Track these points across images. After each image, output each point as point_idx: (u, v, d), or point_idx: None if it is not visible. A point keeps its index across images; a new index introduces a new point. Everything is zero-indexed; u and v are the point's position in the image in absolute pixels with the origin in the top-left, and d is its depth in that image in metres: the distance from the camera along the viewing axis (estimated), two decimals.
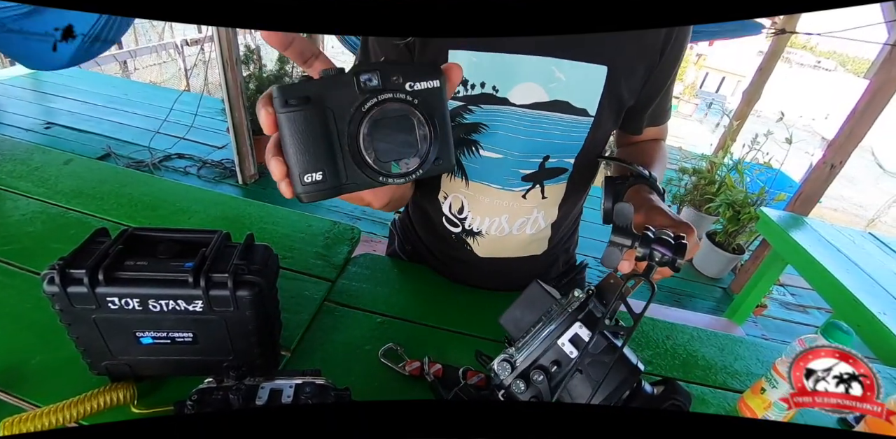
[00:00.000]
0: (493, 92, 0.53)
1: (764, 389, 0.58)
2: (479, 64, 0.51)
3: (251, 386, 0.40)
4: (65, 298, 0.43)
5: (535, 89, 0.52)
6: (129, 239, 0.46)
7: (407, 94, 0.30)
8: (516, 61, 0.50)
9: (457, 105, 0.54)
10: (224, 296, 0.43)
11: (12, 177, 0.91)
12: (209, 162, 2.79)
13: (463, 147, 0.58)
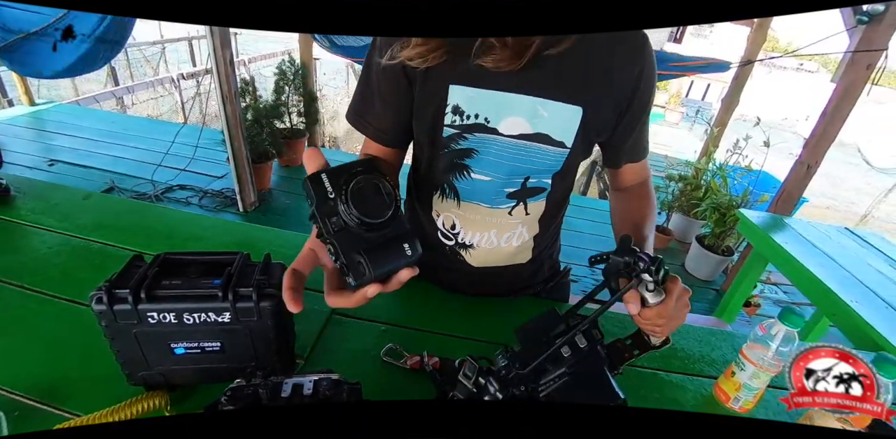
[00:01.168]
0: (485, 122, 0.61)
1: (734, 372, 0.65)
2: (475, 98, 0.60)
3: (276, 382, 0.46)
4: (111, 315, 0.50)
5: (521, 123, 0.61)
6: (163, 262, 0.53)
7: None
8: (507, 98, 0.59)
9: (453, 132, 0.63)
10: (248, 308, 0.51)
11: (35, 213, 0.99)
12: (210, 191, 2.88)
13: (455, 171, 0.66)
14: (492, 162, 0.64)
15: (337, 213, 0.40)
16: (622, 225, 0.70)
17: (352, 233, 0.40)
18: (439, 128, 0.63)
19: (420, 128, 0.65)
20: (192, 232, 0.98)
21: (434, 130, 0.63)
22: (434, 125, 0.63)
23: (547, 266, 0.82)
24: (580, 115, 0.61)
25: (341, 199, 0.40)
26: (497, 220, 0.69)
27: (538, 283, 0.83)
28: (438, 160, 0.66)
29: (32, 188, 1.09)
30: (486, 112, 0.60)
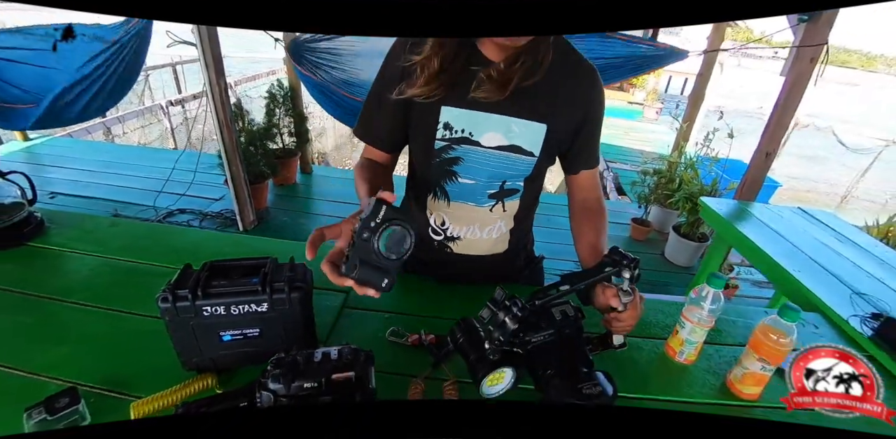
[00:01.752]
0: (469, 136, 0.77)
1: (678, 331, 0.80)
2: (461, 116, 0.75)
3: (309, 352, 0.61)
4: (174, 311, 0.64)
5: (498, 136, 0.77)
6: (211, 268, 0.67)
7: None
8: (486, 117, 0.75)
9: (443, 144, 0.78)
10: (282, 298, 0.65)
11: (72, 241, 1.10)
12: (210, 213, 3.01)
13: (446, 176, 0.82)
14: (475, 168, 0.79)
15: (370, 233, 0.56)
16: (583, 247, 0.84)
17: (368, 247, 0.57)
18: (432, 141, 0.78)
19: (416, 141, 0.81)
20: (214, 248, 1.12)
21: (428, 142, 0.79)
22: (428, 138, 0.78)
23: (522, 256, 0.97)
24: (545, 131, 0.77)
25: (378, 231, 0.57)
26: (480, 216, 0.85)
27: (516, 271, 0.98)
28: (431, 167, 0.81)
29: (63, 219, 1.20)
30: (470, 128, 0.76)
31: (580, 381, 0.56)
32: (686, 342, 0.78)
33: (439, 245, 0.90)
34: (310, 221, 3.10)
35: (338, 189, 3.53)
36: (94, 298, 0.91)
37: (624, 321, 0.68)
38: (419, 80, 0.72)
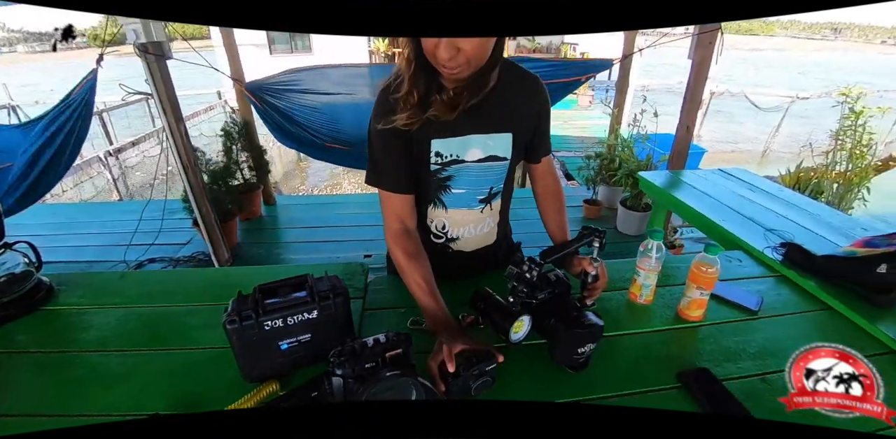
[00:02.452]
0: (457, 158, 0.94)
1: (636, 280, 1.01)
2: (448, 144, 0.92)
3: (362, 341, 0.76)
4: (241, 330, 0.78)
5: (478, 151, 0.95)
6: (261, 291, 0.82)
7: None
8: (467, 139, 0.92)
9: (437, 167, 0.95)
10: (328, 304, 0.80)
11: (87, 298, 1.15)
12: (181, 259, 3.02)
13: (441, 190, 0.98)
14: (465, 180, 0.97)
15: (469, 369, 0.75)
16: (554, 230, 1.07)
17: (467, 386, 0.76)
18: (427, 167, 0.95)
19: (415, 162, 0.96)
20: (222, 282, 1.21)
21: (424, 169, 0.95)
22: (424, 166, 0.94)
23: (505, 244, 1.17)
24: (511, 138, 0.96)
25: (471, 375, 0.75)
26: (474, 217, 1.03)
27: (501, 258, 1.17)
28: (429, 185, 0.98)
29: (70, 280, 1.23)
30: (456, 151, 0.94)
31: (578, 319, 0.76)
32: (643, 286, 1.00)
33: (441, 246, 1.07)
34: (284, 250, 3.18)
35: (304, 215, 3.61)
36: (131, 343, 0.97)
37: (598, 289, 0.89)
38: (403, 112, 0.86)
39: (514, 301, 0.79)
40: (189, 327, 1.03)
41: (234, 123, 2.99)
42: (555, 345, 0.81)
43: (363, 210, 3.63)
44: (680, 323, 0.97)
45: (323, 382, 0.75)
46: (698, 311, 0.96)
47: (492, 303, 0.82)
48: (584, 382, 0.81)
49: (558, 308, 0.82)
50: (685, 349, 0.90)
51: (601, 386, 0.80)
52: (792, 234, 1.33)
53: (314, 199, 4.05)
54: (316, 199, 4.03)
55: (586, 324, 0.77)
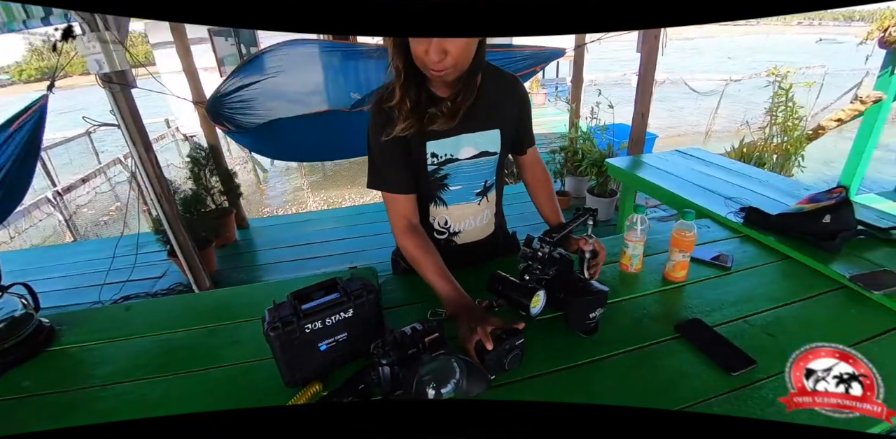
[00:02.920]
0: (451, 156, 1.03)
1: (625, 251, 1.14)
2: (442, 145, 1.01)
3: (400, 330, 0.84)
4: (283, 336, 0.83)
5: (471, 149, 1.04)
6: (296, 297, 0.88)
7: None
8: (458, 139, 1.01)
9: (433, 167, 1.03)
10: (361, 302, 0.88)
11: (93, 334, 1.13)
12: (159, 292, 2.96)
13: (440, 188, 1.07)
14: (461, 177, 1.07)
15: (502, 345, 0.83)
16: (547, 214, 1.20)
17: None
18: (425, 167, 1.03)
19: (414, 166, 1.04)
20: (236, 301, 1.24)
21: (422, 170, 1.04)
22: (422, 167, 1.03)
23: (502, 233, 1.27)
24: (499, 133, 1.05)
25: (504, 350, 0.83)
26: (473, 210, 1.12)
27: (500, 247, 1.27)
28: (428, 185, 1.06)
29: (70, 319, 1.20)
30: (450, 150, 1.03)
31: (586, 288, 0.87)
32: (632, 257, 1.14)
33: (445, 241, 1.16)
34: (266, 272, 3.17)
35: (281, 235, 3.61)
36: (157, 370, 0.97)
37: (599, 263, 1.01)
38: (400, 120, 0.95)
39: (530, 278, 0.89)
40: (213, 347, 1.06)
41: (199, 149, 2.96)
42: (569, 313, 0.92)
43: (341, 224, 3.67)
44: (668, 284, 1.11)
45: (368, 374, 0.82)
46: (682, 272, 1.10)
47: (509, 284, 0.93)
48: (597, 344, 0.92)
49: (566, 281, 0.93)
50: (677, 305, 1.04)
51: (612, 345, 0.92)
52: (748, 199, 1.52)
53: (288, 218, 4.03)
54: (290, 218, 4.02)
55: (594, 291, 0.88)
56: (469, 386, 0.80)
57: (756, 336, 0.92)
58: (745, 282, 1.12)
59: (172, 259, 2.90)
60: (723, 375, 0.82)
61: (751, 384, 0.80)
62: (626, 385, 0.82)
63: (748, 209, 1.38)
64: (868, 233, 1.28)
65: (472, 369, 0.80)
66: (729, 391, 0.79)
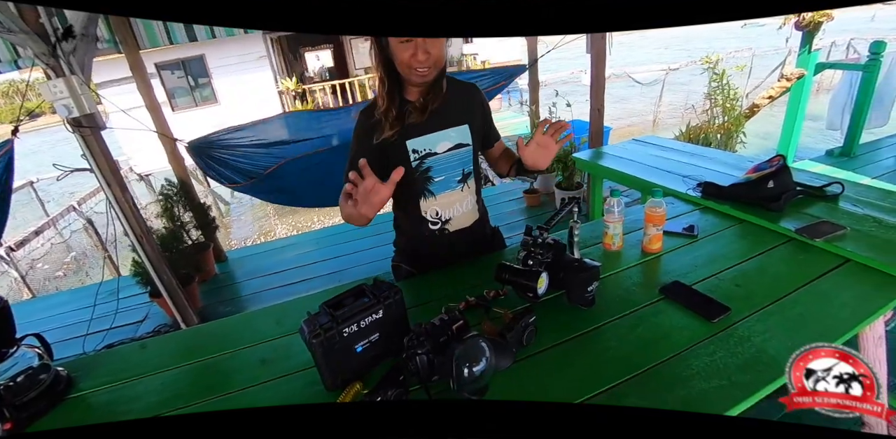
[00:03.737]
0: (430, 151, 1.19)
1: (606, 232, 1.31)
2: (421, 141, 1.17)
3: (428, 322, 0.96)
4: (325, 342, 0.93)
5: (446, 143, 1.20)
6: (329, 305, 0.99)
7: None
8: (434, 135, 1.18)
9: (417, 163, 1.18)
10: (389, 303, 0.99)
11: (117, 374, 1.15)
12: (143, 336, 2.93)
13: (425, 181, 1.21)
14: (441, 168, 1.22)
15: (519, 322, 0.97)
16: (503, 160, 1.33)
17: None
18: (409, 164, 1.18)
19: (397, 166, 1.17)
20: (249, 328, 1.27)
21: (406, 164, 1.17)
22: (405, 162, 1.17)
23: (487, 226, 1.42)
24: (468, 127, 1.22)
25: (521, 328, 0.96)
26: (458, 197, 1.27)
27: (488, 239, 1.41)
28: (414, 180, 1.21)
29: (80, 366, 1.22)
30: (429, 145, 1.19)
31: (582, 265, 1.03)
32: (613, 236, 1.31)
33: (439, 231, 1.29)
34: (253, 302, 3.19)
35: (262, 264, 3.62)
36: (197, 396, 1.02)
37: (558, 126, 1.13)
38: (386, 125, 1.13)
39: (534, 263, 1.04)
40: (244, 367, 1.12)
41: (170, 185, 2.98)
42: (569, 289, 1.07)
43: (322, 245, 3.73)
44: (647, 256, 1.29)
45: (406, 365, 0.94)
46: (657, 244, 1.28)
47: (514, 271, 1.07)
48: (597, 314, 1.08)
49: (563, 262, 1.08)
50: (657, 272, 1.21)
51: (609, 312, 1.08)
52: (702, 176, 1.74)
53: (266, 246, 4.04)
54: (268, 246, 4.03)
55: (589, 267, 1.04)
56: (498, 361, 0.93)
57: (726, 288, 1.10)
58: (711, 245, 1.31)
59: (155, 300, 2.89)
60: (705, 323, 1.00)
61: (728, 326, 0.98)
62: (627, 343, 0.98)
63: (704, 184, 1.59)
64: (806, 192, 1.51)
65: (498, 346, 0.93)
66: (712, 335, 0.96)
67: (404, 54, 1.04)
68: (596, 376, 0.89)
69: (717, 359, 0.89)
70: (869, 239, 1.24)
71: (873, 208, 1.40)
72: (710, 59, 3.78)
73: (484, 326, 1.09)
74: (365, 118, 1.17)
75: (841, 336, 0.94)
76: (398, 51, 1.05)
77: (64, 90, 1.94)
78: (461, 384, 0.87)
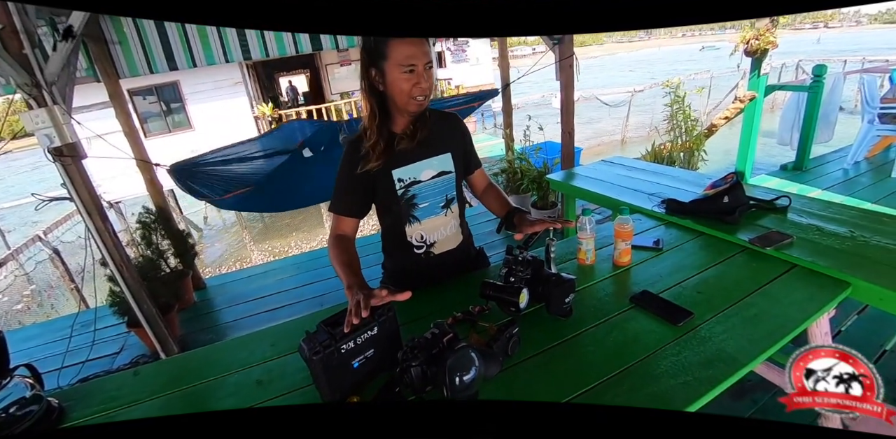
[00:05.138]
0: (414, 179, 1.27)
1: (580, 248, 1.43)
2: (406, 171, 1.24)
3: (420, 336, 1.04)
4: (325, 358, 1.00)
5: (430, 171, 1.28)
6: (327, 324, 1.05)
7: None
8: (419, 164, 1.26)
9: (403, 191, 1.26)
10: (384, 320, 1.07)
11: (111, 402, 1.16)
12: (121, 368, 2.87)
13: (410, 207, 1.29)
14: (426, 194, 1.30)
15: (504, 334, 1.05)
16: (493, 202, 1.42)
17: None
18: (394, 191, 1.26)
19: (384, 197, 1.27)
20: (231, 352, 1.30)
21: (392, 193, 1.26)
22: (392, 192, 1.26)
23: (471, 247, 1.51)
24: (451, 156, 1.31)
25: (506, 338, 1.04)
26: (442, 221, 1.35)
27: (472, 260, 1.50)
28: (399, 206, 1.28)
29: (71, 395, 1.21)
30: (414, 174, 1.27)
31: (559, 279, 1.13)
32: (587, 251, 1.42)
33: (424, 254, 1.37)
34: (234, 329, 3.16)
35: (242, 290, 3.60)
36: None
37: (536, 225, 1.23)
38: (374, 158, 1.19)
39: (515, 280, 1.14)
40: (241, 388, 1.15)
41: (148, 212, 2.98)
42: (549, 302, 1.17)
43: (303, 270, 3.74)
44: (618, 269, 1.41)
45: (401, 378, 1.01)
46: (627, 258, 1.40)
47: (497, 287, 1.16)
48: (575, 323, 1.18)
49: (542, 277, 1.18)
50: (627, 283, 1.33)
51: (586, 321, 1.18)
52: (666, 193, 1.90)
53: (245, 272, 4.01)
54: (247, 272, 4.00)
55: (565, 281, 1.14)
56: (487, 369, 1.01)
57: (689, 295, 1.22)
58: (675, 257, 1.44)
59: (133, 330, 2.85)
60: (671, 327, 1.11)
61: (692, 329, 1.10)
62: (603, 347, 1.08)
63: (667, 201, 1.75)
64: (758, 205, 1.68)
65: (486, 355, 1.02)
66: (677, 337, 1.07)
67: (406, 84, 1.10)
68: (577, 378, 0.98)
69: (682, 359, 1.00)
70: (812, 246, 1.39)
71: (816, 218, 1.58)
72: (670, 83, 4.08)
73: (471, 339, 1.16)
74: (353, 149, 1.23)
75: (791, 332, 1.07)
76: (400, 81, 1.11)
77: (46, 120, 1.98)
78: (454, 392, 0.95)
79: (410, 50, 1.09)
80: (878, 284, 1.17)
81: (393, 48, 1.09)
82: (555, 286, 1.14)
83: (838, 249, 1.36)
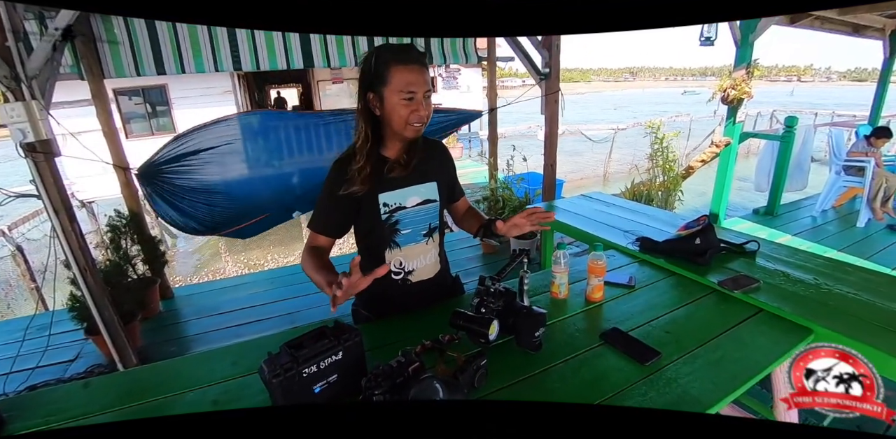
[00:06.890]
0: (400, 205, 1.25)
1: (553, 281, 1.43)
2: (392, 196, 1.23)
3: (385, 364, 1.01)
4: (285, 382, 0.96)
5: (415, 198, 1.27)
6: (291, 346, 1.02)
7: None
8: (405, 190, 1.25)
9: (387, 216, 1.24)
10: (350, 345, 1.04)
11: (59, 414, 1.09)
12: (74, 377, 2.71)
13: (392, 232, 1.28)
14: (409, 221, 1.29)
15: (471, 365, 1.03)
16: (471, 220, 1.41)
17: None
18: (378, 216, 1.24)
19: (367, 220, 1.25)
20: (189, 369, 1.25)
21: (377, 219, 1.25)
22: (376, 216, 1.24)
23: (448, 276, 1.50)
24: (436, 185, 1.31)
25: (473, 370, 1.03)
26: (423, 249, 1.34)
27: (448, 287, 1.49)
28: (382, 231, 1.27)
29: (15, 404, 1.15)
30: (399, 200, 1.26)
31: (530, 312, 1.12)
32: (560, 285, 1.43)
33: (402, 281, 1.35)
34: (199, 343, 3.04)
35: (211, 303, 3.48)
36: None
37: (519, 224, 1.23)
38: (359, 182, 1.17)
39: (486, 311, 1.13)
40: (195, 408, 1.09)
41: (119, 216, 2.89)
42: (518, 334, 1.16)
43: (276, 285, 3.65)
44: (590, 305, 1.41)
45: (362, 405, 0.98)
46: (599, 293, 1.41)
47: (468, 317, 1.15)
48: (543, 357, 1.16)
49: (513, 309, 1.18)
50: (598, 319, 1.33)
51: (555, 356, 1.17)
52: (640, 231, 1.93)
53: (217, 284, 3.89)
54: (219, 284, 3.88)
55: (536, 314, 1.14)
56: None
57: (658, 334, 1.23)
58: (646, 295, 1.45)
59: (91, 337, 2.71)
60: (638, 366, 1.10)
61: (659, 369, 1.09)
62: (570, 384, 1.06)
63: (642, 239, 1.77)
64: (728, 248, 1.71)
65: (451, 386, 0.99)
66: (644, 377, 1.07)
67: (405, 111, 1.10)
68: None
69: (648, 399, 0.99)
70: (778, 291, 1.42)
71: (783, 264, 1.62)
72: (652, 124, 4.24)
73: (438, 369, 1.14)
74: (339, 169, 1.20)
75: (755, 376, 1.07)
76: (399, 107, 1.10)
77: (22, 114, 1.93)
78: None
79: (411, 77, 1.09)
80: (838, 332, 1.19)
81: (394, 74, 1.09)
82: (525, 319, 1.13)
83: (803, 296, 1.40)
